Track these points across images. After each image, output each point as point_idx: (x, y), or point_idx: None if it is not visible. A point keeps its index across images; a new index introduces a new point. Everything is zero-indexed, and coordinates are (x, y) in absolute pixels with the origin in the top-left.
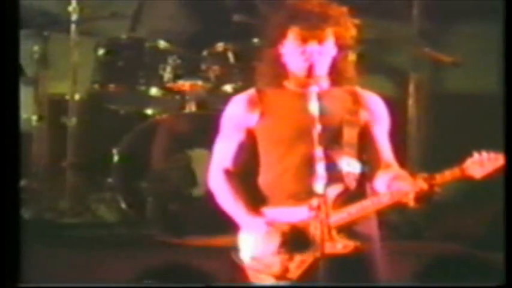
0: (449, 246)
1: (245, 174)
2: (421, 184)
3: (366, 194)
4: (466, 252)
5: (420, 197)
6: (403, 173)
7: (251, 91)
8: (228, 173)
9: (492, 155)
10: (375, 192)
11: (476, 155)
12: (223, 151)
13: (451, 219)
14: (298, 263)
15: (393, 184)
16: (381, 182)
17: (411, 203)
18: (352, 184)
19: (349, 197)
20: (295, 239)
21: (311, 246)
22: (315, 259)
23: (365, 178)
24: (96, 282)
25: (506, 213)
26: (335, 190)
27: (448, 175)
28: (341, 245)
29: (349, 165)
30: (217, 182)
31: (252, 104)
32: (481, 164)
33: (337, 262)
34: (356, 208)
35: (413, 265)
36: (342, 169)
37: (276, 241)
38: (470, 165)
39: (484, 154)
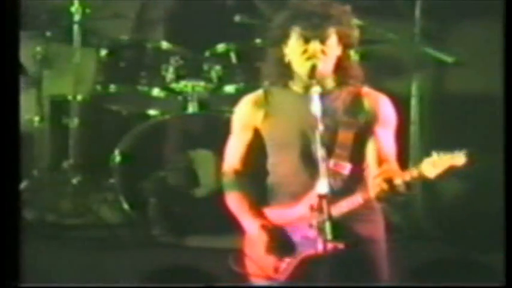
0: (450, 247)
1: (255, 174)
2: (382, 185)
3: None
4: (467, 253)
5: (381, 197)
6: (394, 169)
7: (259, 91)
8: (237, 172)
9: (446, 156)
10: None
11: (434, 155)
12: (233, 151)
13: (451, 220)
14: (286, 265)
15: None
16: (371, 179)
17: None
18: (338, 185)
19: (337, 198)
20: (283, 241)
21: (298, 247)
22: (302, 260)
23: (360, 179)
24: (98, 283)
25: (506, 214)
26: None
27: (406, 175)
28: (320, 246)
29: (335, 166)
30: (226, 182)
31: (257, 103)
32: (434, 164)
33: (339, 263)
34: (334, 210)
35: (414, 265)
36: (334, 171)
37: (265, 242)
38: (425, 166)
39: (441, 155)
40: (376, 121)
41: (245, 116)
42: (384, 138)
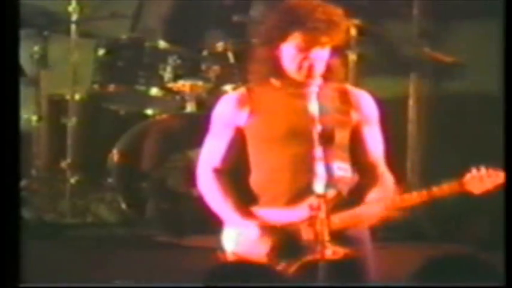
0: (450, 247)
1: (235, 173)
2: (416, 197)
3: (356, 199)
4: (466, 252)
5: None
6: (385, 179)
7: (241, 90)
8: (217, 172)
9: (491, 171)
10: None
11: (474, 170)
12: (213, 150)
13: (451, 220)
14: (284, 267)
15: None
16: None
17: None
18: (344, 189)
19: (340, 201)
20: (285, 244)
21: (299, 251)
22: (301, 264)
23: (356, 182)
24: (96, 283)
25: (506, 214)
26: (330, 193)
27: (446, 189)
28: (331, 251)
29: (340, 169)
30: (206, 182)
31: (241, 102)
32: (481, 179)
33: (332, 264)
34: (349, 214)
35: (414, 265)
36: (334, 173)
37: (266, 245)
38: (470, 181)
39: (483, 170)
40: (362, 120)
41: (227, 115)
42: (370, 137)
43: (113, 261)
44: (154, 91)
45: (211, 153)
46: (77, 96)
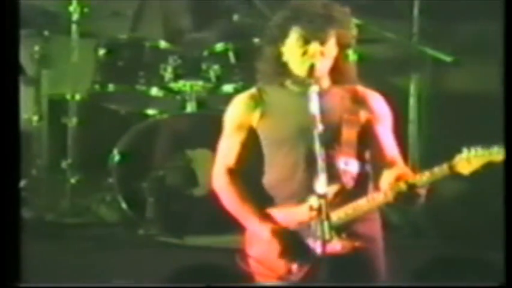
0: (450, 246)
1: (249, 173)
2: (402, 185)
3: (366, 193)
4: (466, 252)
5: (401, 197)
6: (408, 171)
7: (253, 90)
8: (232, 172)
9: (480, 151)
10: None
11: (465, 151)
12: (227, 150)
13: (451, 219)
14: (300, 266)
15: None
16: (385, 181)
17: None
18: (350, 183)
19: (347, 196)
20: (297, 243)
21: (311, 248)
22: (316, 260)
23: (367, 177)
24: (96, 282)
25: (506, 213)
26: (333, 189)
27: (437, 172)
28: (340, 246)
29: (347, 164)
30: (221, 183)
31: (252, 102)
32: (469, 160)
33: (339, 262)
34: (352, 207)
35: (414, 265)
36: (339, 168)
37: (278, 247)
38: (459, 162)
39: (472, 150)
40: (374, 118)
41: (240, 116)
42: (385, 135)
43: (113, 261)
44: (154, 91)
45: (225, 154)
46: (78, 96)
